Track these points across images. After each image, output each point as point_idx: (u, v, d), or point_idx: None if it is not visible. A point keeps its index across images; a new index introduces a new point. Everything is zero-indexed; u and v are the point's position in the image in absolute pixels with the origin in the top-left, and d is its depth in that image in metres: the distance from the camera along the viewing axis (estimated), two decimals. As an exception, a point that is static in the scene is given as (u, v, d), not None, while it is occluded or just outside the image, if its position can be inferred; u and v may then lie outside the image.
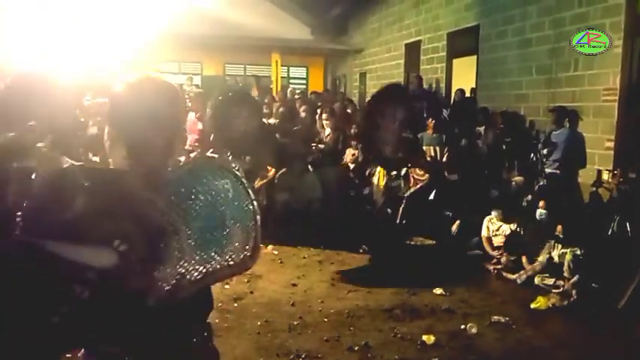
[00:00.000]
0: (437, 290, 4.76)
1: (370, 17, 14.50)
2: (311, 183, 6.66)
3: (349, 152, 7.19)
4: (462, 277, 5.11)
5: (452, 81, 10.51)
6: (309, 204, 6.40)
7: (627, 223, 4.88)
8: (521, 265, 5.16)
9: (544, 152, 6.45)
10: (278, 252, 5.75)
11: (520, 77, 8.36)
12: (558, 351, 3.80)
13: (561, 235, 5.01)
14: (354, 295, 4.67)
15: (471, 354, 3.69)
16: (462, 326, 4.04)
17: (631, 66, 6.53)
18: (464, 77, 9.95)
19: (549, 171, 6.38)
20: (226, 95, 5.33)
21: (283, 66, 15.80)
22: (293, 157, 6.76)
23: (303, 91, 13.15)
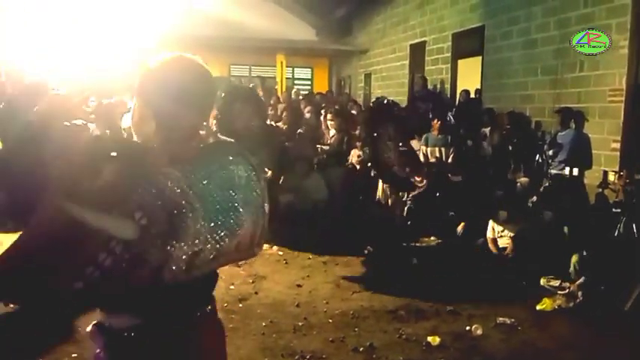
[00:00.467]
0: (442, 291, 4.75)
1: (375, 18, 14.50)
2: (316, 184, 6.67)
3: (354, 153, 7.19)
4: (467, 279, 5.09)
5: (457, 82, 10.50)
6: (314, 205, 6.41)
7: (633, 225, 4.86)
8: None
9: (549, 153, 6.43)
10: (283, 253, 5.76)
11: (525, 78, 8.34)
12: (564, 353, 3.79)
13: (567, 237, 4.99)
14: (359, 296, 4.67)
15: (476, 355, 3.68)
16: (467, 327, 4.03)
17: (637, 66, 6.51)
18: (469, 78, 9.94)
19: (555, 172, 6.36)
20: (231, 91, 5.35)
21: (288, 67, 15.83)
22: (297, 159, 6.76)
23: (310, 92, 13.18)
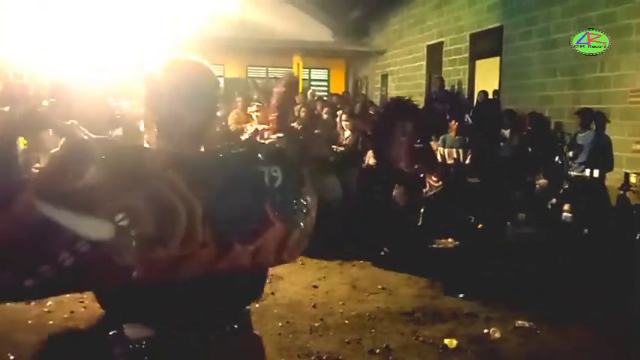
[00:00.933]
0: (459, 294, 4.72)
1: (392, 19, 14.46)
2: (332, 185, 6.66)
3: (371, 154, 7.16)
4: (485, 281, 5.04)
5: (474, 83, 10.41)
6: (330, 206, 6.40)
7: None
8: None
9: (569, 155, 6.35)
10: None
11: (544, 79, 8.24)
12: (583, 358, 3.73)
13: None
14: (375, 298, 4.65)
15: (494, 359, 3.65)
16: (485, 330, 4.00)
17: (659, 67, 6.39)
18: (487, 79, 9.85)
19: (574, 174, 6.28)
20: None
21: (305, 68, 15.86)
22: (313, 159, 6.76)
23: (327, 95, 13.17)
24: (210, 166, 1.26)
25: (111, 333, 1.35)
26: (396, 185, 6.80)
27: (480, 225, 6.10)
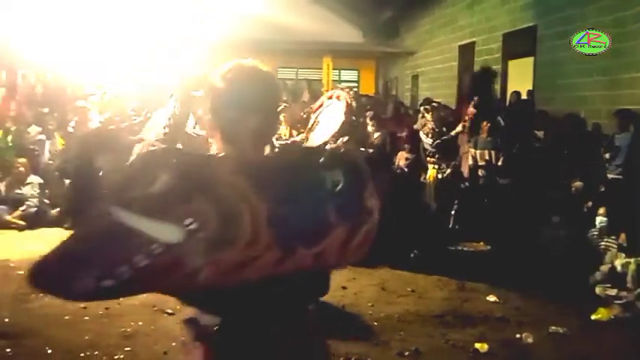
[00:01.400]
0: (490, 297, 4.65)
1: (422, 19, 14.36)
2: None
3: (402, 155, 7.12)
4: (517, 284, 4.95)
5: (507, 83, 10.26)
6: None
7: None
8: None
9: (606, 157, 6.19)
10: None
11: (580, 79, 8.06)
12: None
13: (625, 244, 4.79)
14: (404, 300, 4.63)
15: (526, 364, 3.59)
16: (517, 335, 3.93)
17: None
18: (520, 79, 9.69)
19: (612, 176, 6.12)
20: None
21: (335, 69, 15.86)
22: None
23: (355, 94, 13.14)
24: (273, 171, 1.30)
25: (186, 317, 1.41)
26: (428, 185, 6.78)
27: (510, 227, 5.98)
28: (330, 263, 1.36)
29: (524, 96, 9.22)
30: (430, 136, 6.92)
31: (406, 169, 6.97)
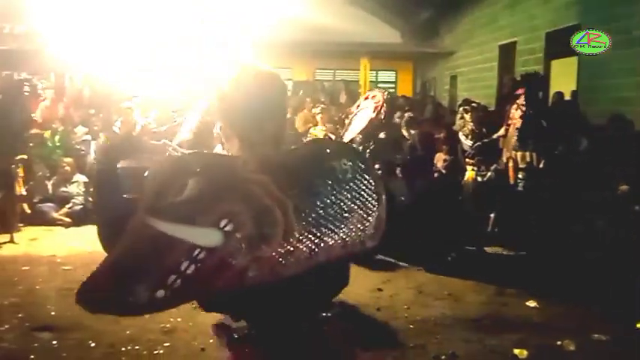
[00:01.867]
0: (530, 302, 4.55)
1: (462, 19, 14.16)
2: (398, 188, 6.60)
3: (440, 157, 7.05)
4: (558, 289, 4.82)
5: (550, 84, 10.01)
6: (396, 209, 6.35)
7: None
8: None
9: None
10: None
11: (625, 79, 7.80)
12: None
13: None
14: (441, 304, 4.57)
15: (567, 372, 3.50)
16: (558, 342, 3.83)
17: None
18: (563, 79, 9.45)
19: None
20: None
21: (372, 70, 15.82)
22: (378, 161, 6.73)
23: (391, 95, 13.06)
24: (291, 166, 1.34)
25: (214, 324, 1.45)
26: (466, 187, 6.67)
27: (551, 231, 5.83)
28: (355, 249, 1.40)
29: (567, 97, 8.99)
30: (469, 138, 6.82)
31: (444, 171, 6.89)
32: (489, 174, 6.58)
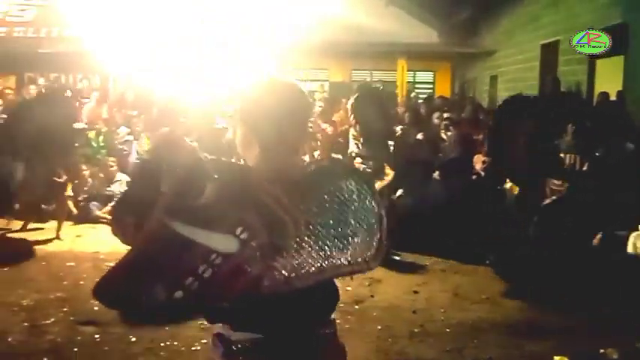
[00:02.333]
0: (570, 308, 4.43)
1: (502, 18, 13.88)
2: (436, 189, 6.54)
3: (479, 159, 6.94)
4: (601, 295, 4.68)
5: (594, 84, 9.71)
6: (433, 210, 6.28)
7: None
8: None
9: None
10: (399, 257, 5.72)
11: (676, 78, 7.50)
12: None
13: None
14: (478, 307, 4.51)
15: (610, 381, 3.40)
16: (601, 350, 3.72)
17: None
18: (609, 80, 9.14)
19: None
20: (363, 94, 5.45)
21: (409, 71, 15.69)
22: (415, 163, 6.68)
23: (429, 96, 12.94)
24: (305, 181, 1.38)
25: (214, 333, 1.46)
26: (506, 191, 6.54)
27: (593, 235, 5.65)
28: (356, 269, 1.43)
29: (612, 97, 8.70)
30: None
31: (483, 173, 6.78)
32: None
